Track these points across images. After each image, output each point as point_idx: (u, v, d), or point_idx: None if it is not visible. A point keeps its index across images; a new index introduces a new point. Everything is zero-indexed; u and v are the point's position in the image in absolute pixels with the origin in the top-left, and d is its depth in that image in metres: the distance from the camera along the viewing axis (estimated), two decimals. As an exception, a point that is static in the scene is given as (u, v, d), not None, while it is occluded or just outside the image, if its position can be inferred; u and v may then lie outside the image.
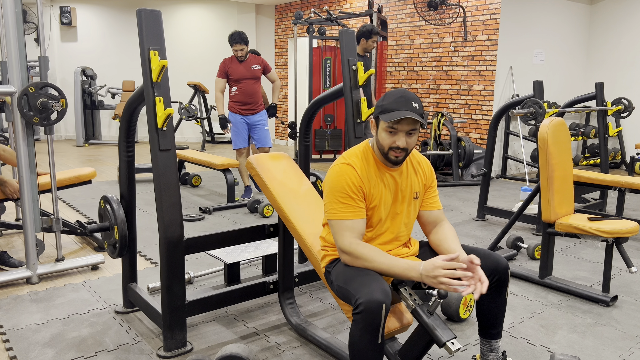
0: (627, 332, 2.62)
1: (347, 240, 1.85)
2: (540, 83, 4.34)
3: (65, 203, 5.24)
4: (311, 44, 7.75)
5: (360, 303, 1.65)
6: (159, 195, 2.25)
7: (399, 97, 1.85)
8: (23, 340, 2.46)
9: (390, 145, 1.87)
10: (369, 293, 1.66)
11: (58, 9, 10.14)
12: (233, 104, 5.35)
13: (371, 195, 1.93)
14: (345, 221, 1.87)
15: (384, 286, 1.70)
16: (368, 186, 1.92)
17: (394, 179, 1.98)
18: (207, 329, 2.60)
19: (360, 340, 1.69)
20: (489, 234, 4.31)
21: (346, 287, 1.80)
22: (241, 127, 5.35)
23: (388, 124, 1.84)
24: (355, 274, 1.80)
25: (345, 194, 1.88)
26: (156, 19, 2.27)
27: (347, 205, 1.88)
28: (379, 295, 1.66)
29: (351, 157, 1.96)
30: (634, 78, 7.61)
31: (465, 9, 7.11)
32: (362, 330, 1.67)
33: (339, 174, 1.91)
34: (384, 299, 1.65)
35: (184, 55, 10.26)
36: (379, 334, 1.68)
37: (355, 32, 4.09)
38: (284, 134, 10.60)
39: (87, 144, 9.73)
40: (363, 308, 1.64)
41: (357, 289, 1.71)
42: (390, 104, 1.85)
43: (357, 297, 1.68)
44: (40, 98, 3.01)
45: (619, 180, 3.89)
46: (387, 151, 1.89)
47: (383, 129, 1.87)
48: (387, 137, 1.87)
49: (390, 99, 1.86)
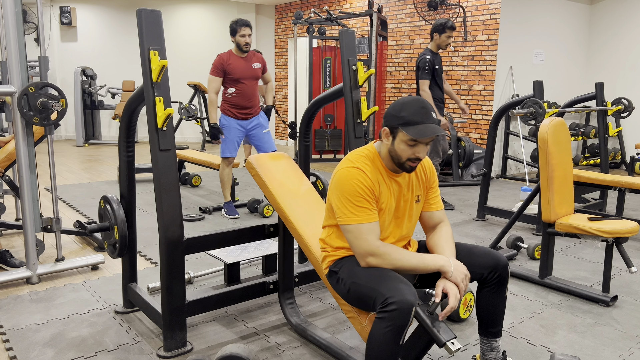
0: (627, 332, 2.62)
1: (372, 243, 1.84)
2: (540, 83, 4.34)
3: (65, 203, 5.24)
4: (311, 44, 7.75)
5: (393, 302, 1.65)
6: (159, 195, 2.25)
7: (421, 109, 1.83)
8: (23, 340, 2.46)
9: (410, 157, 1.86)
10: (402, 294, 1.66)
11: (58, 9, 10.15)
12: (229, 108, 4.59)
13: (378, 200, 1.92)
14: (364, 225, 1.85)
15: (412, 289, 1.71)
16: (378, 191, 1.91)
17: (398, 184, 1.97)
18: (207, 329, 2.60)
19: (384, 340, 1.68)
20: (489, 234, 4.30)
21: (370, 286, 1.78)
22: (235, 134, 4.61)
23: (411, 137, 1.82)
24: (381, 274, 1.80)
25: (360, 197, 1.85)
26: (156, 19, 2.27)
27: (363, 208, 1.85)
28: (411, 297, 1.67)
29: (359, 161, 1.92)
30: (634, 78, 7.61)
31: (465, 9, 7.11)
32: (388, 329, 1.66)
33: (350, 178, 1.87)
34: (415, 301, 1.67)
35: (184, 55, 10.27)
36: (402, 335, 1.68)
37: (355, 32, 4.06)
38: (284, 134, 10.60)
39: (87, 144, 9.73)
40: (395, 307, 1.64)
41: (388, 289, 1.71)
42: (412, 116, 1.82)
43: (387, 296, 1.68)
44: (40, 98, 3.01)
45: (619, 180, 3.89)
46: (404, 162, 1.87)
47: (403, 141, 1.84)
48: (408, 149, 1.85)
49: (411, 110, 1.82)
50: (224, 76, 4.50)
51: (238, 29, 4.44)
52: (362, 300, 1.83)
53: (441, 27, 4.85)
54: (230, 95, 4.57)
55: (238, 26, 4.44)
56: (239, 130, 4.64)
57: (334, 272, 2.00)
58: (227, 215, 4.77)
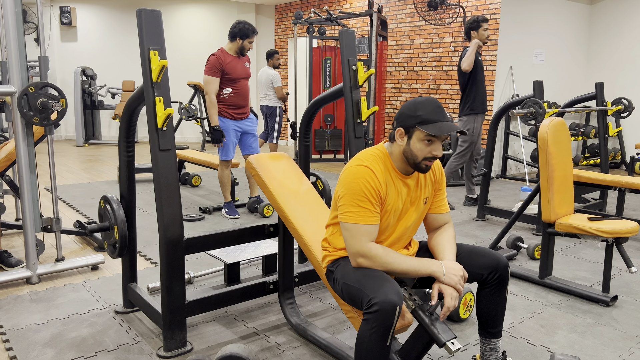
0: (627, 332, 2.62)
1: (364, 244, 1.84)
2: (540, 83, 4.34)
3: (65, 203, 5.24)
4: (311, 44, 7.75)
5: (375, 303, 1.65)
6: (159, 195, 2.25)
7: (436, 107, 1.84)
8: (23, 340, 2.46)
9: (426, 156, 1.86)
10: (385, 294, 1.66)
11: (58, 9, 10.15)
12: (226, 109, 4.51)
13: (385, 202, 1.91)
14: (362, 226, 1.85)
15: (397, 288, 1.71)
16: (385, 192, 1.90)
17: (407, 187, 1.96)
18: (207, 329, 2.60)
19: (370, 340, 1.68)
20: (489, 234, 4.31)
21: (357, 287, 1.79)
22: (232, 136, 4.59)
23: (426, 134, 1.82)
24: (368, 275, 1.80)
25: (364, 197, 1.85)
26: (156, 19, 2.27)
27: (365, 209, 1.85)
28: (394, 297, 1.66)
29: (369, 160, 1.92)
30: (634, 78, 7.61)
31: (465, 9, 7.11)
32: (373, 330, 1.67)
33: (358, 176, 1.87)
34: (399, 301, 1.66)
35: (184, 55, 10.26)
36: (389, 336, 1.68)
37: (355, 32, 4.07)
38: (284, 134, 10.60)
39: (87, 144, 9.73)
40: (378, 308, 1.64)
41: (372, 289, 1.71)
42: (429, 114, 1.83)
43: (371, 297, 1.68)
44: (40, 98, 3.01)
45: (619, 180, 3.89)
46: (420, 161, 1.87)
47: (419, 140, 1.85)
48: (424, 147, 1.85)
49: (428, 109, 1.84)
50: (221, 76, 4.44)
51: (250, 35, 4.42)
52: (354, 301, 1.84)
53: (475, 23, 4.97)
54: (227, 95, 4.50)
55: (250, 32, 4.42)
56: (236, 131, 4.62)
57: (331, 271, 2.01)
58: (227, 215, 4.76)
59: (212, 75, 4.40)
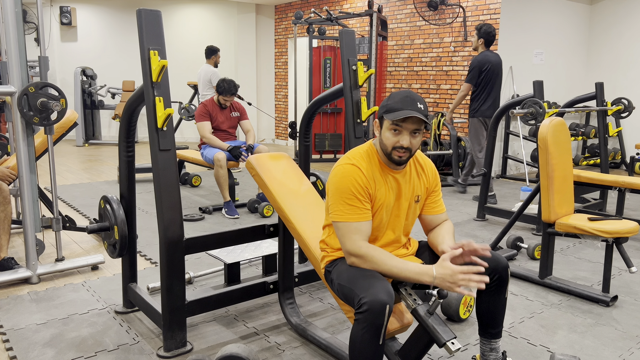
0: (627, 332, 2.62)
1: (355, 243, 1.84)
2: (540, 83, 4.34)
3: (65, 203, 5.24)
4: (311, 44, 7.75)
5: (365, 303, 1.65)
6: (159, 195, 2.25)
7: (405, 97, 1.85)
8: (23, 340, 2.46)
9: (394, 145, 1.86)
10: (374, 293, 1.66)
11: (58, 9, 10.14)
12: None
13: (375, 197, 1.92)
14: (352, 223, 1.85)
15: (387, 287, 1.70)
16: (373, 188, 1.91)
17: (397, 181, 1.97)
18: (207, 329, 2.60)
19: (362, 340, 1.68)
20: (489, 234, 4.30)
21: (349, 286, 1.80)
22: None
23: (392, 123, 1.84)
24: (359, 274, 1.80)
25: (352, 195, 1.86)
26: (156, 19, 2.27)
27: (353, 207, 1.86)
28: (384, 295, 1.66)
29: (356, 157, 1.93)
30: (634, 78, 7.61)
31: (465, 9, 7.11)
32: (364, 330, 1.67)
33: (345, 175, 1.88)
34: (388, 300, 1.66)
35: (184, 55, 10.26)
36: (381, 335, 1.68)
37: (355, 32, 4.10)
38: (284, 134, 10.60)
39: (87, 144, 9.73)
40: (367, 308, 1.64)
41: (361, 289, 1.71)
42: (395, 103, 1.84)
43: (360, 296, 1.68)
44: (40, 98, 3.01)
45: (619, 180, 3.89)
46: (390, 151, 1.88)
47: (387, 129, 1.87)
48: (391, 137, 1.86)
49: (396, 99, 1.86)
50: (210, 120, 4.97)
51: (224, 94, 4.93)
52: (348, 301, 1.84)
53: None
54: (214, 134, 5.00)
55: (226, 92, 4.92)
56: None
57: (329, 272, 2.01)
58: (227, 215, 4.77)
59: (201, 120, 4.97)
